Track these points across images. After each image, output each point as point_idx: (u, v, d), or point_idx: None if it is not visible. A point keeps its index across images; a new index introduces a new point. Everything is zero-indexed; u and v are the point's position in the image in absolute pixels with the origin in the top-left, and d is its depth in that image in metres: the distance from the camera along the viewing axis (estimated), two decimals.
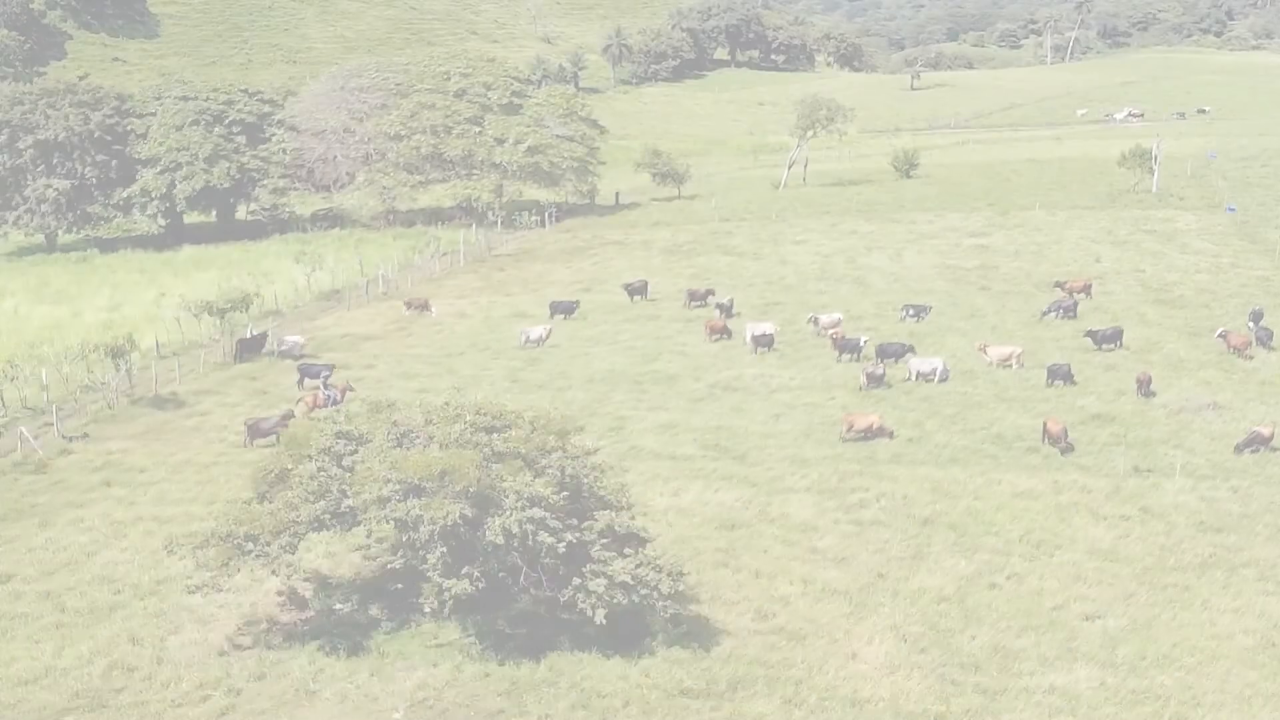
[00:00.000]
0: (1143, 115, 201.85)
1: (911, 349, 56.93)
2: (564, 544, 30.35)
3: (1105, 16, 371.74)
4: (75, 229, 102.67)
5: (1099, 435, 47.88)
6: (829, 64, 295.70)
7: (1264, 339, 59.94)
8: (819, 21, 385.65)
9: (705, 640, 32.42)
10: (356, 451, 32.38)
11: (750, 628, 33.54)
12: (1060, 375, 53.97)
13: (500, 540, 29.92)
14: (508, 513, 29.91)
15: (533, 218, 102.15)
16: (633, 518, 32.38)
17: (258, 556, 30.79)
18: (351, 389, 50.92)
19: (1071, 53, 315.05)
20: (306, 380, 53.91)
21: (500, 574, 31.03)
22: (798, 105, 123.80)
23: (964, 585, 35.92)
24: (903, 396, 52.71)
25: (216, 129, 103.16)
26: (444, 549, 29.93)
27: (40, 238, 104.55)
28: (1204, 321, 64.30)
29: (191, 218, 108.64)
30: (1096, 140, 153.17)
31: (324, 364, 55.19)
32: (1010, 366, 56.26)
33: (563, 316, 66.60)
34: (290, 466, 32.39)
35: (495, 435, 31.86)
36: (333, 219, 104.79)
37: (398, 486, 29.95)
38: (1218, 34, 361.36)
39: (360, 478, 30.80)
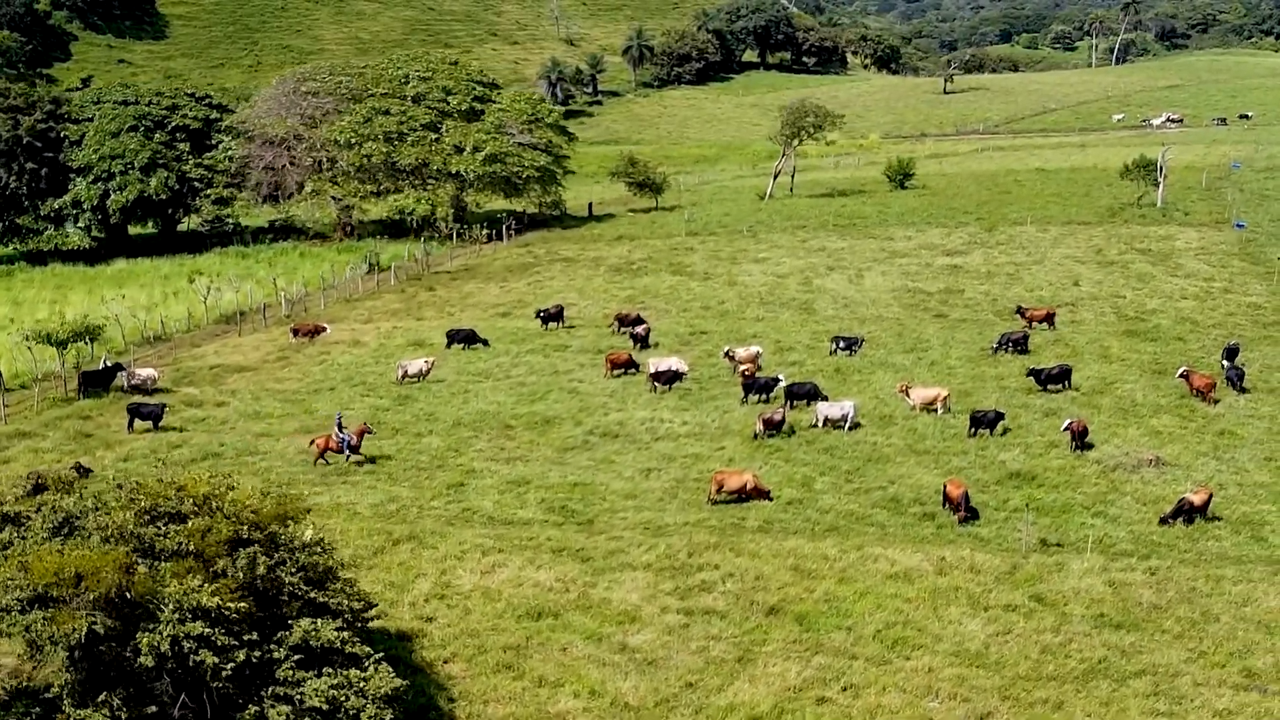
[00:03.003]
0: (1182, 121, 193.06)
1: (824, 395, 50.46)
2: (233, 664, 24.55)
3: (1163, 18, 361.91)
4: (4, 241, 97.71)
5: (1012, 499, 41.47)
6: (865, 66, 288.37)
7: (1234, 380, 53.04)
8: (872, 23, 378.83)
9: None
10: (11, 544, 26.70)
11: None
12: (985, 423, 47.48)
13: (151, 662, 24.17)
14: (161, 626, 24.17)
15: (484, 231, 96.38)
16: (342, 628, 26.41)
17: None
18: (370, 431, 45.67)
19: (1119, 55, 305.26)
20: (137, 421, 48.48)
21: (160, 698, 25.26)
22: (783, 112, 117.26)
23: (785, 700, 29.68)
24: (801, 447, 46.44)
25: (157, 135, 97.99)
26: (72, 673, 24.20)
27: None
28: (1174, 357, 57.52)
29: (138, 229, 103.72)
30: (1123, 148, 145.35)
31: (156, 403, 49.65)
32: (935, 411, 49.87)
33: (461, 346, 60.79)
34: None
35: (173, 525, 26.13)
36: (283, 231, 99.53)
37: (22, 592, 24.25)
38: (1279, 36, 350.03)
39: None
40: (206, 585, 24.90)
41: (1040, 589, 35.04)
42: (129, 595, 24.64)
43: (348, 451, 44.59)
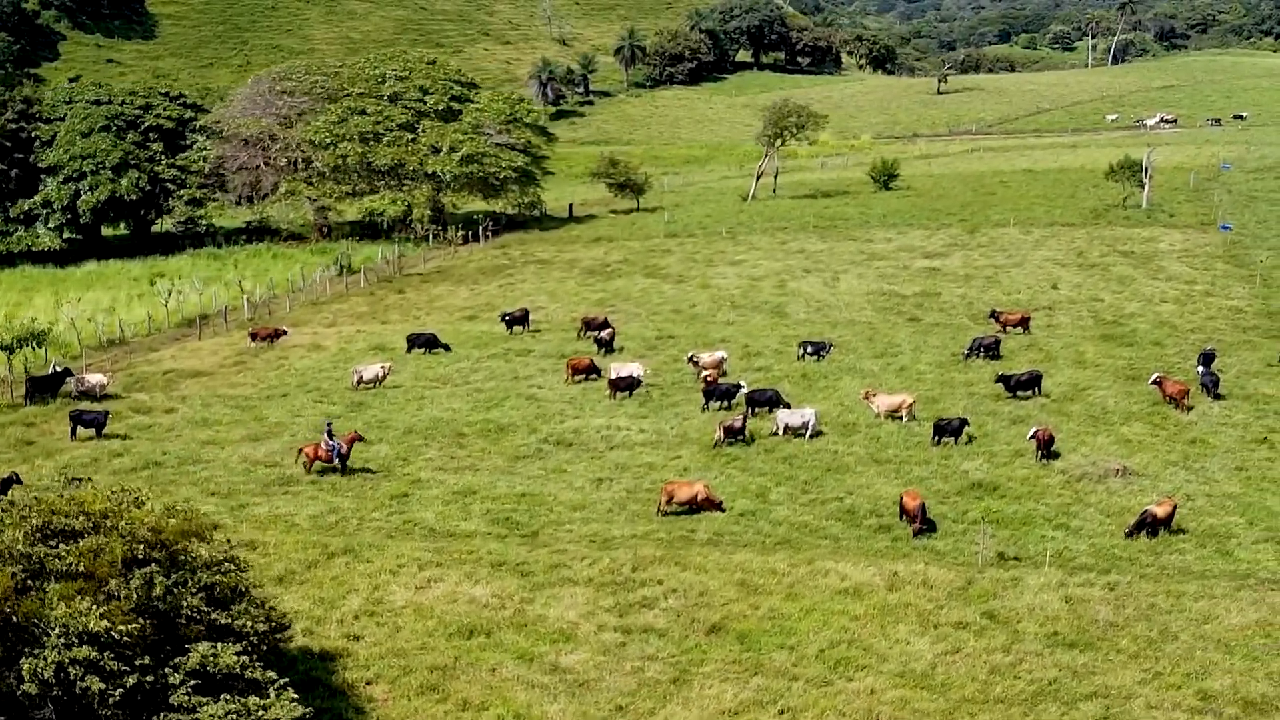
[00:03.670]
0: (1175, 121, 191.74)
1: (786, 403, 49.21)
2: (121, 690, 23.37)
3: (1162, 18, 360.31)
4: None
5: (971, 510, 40.20)
6: (860, 66, 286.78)
7: (1209, 386, 51.79)
8: (871, 23, 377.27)
9: None
10: None
11: None
12: (950, 432, 46.25)
13: (34, 689, 22.99)
14: (46, 652, 23.00)
15: (459, 232, 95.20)
16: (245, 651, 25.22)
17: None
18: (361, 438, 44.53)
19: (1117, 55, 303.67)
20: (80, 428, 47.25)
21: None
22: (765, 112, 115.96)
23: None
24: (759, 456, 45.21)
25: (129, 135, 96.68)
26: None
27: None
28: (1150, 363, 56.30)
29: (111, 230, 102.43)
30: (1114, 149, 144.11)
31: (100, 410, 48.42)
32: (900, 419, 48.64)
33: (422, 351, 59.56)
34: None
35: (64, 544, 24.94)
36: (258, 232, 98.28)
37: None
38: (1278, 36, 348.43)
39: None
40: (96, 608, 23.72)
41: (994, 605, 33.82)
42: (15, 619, 23.49)
43: (338, 460, 43.36)
